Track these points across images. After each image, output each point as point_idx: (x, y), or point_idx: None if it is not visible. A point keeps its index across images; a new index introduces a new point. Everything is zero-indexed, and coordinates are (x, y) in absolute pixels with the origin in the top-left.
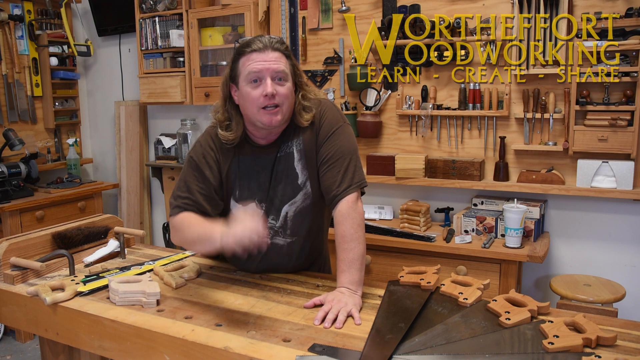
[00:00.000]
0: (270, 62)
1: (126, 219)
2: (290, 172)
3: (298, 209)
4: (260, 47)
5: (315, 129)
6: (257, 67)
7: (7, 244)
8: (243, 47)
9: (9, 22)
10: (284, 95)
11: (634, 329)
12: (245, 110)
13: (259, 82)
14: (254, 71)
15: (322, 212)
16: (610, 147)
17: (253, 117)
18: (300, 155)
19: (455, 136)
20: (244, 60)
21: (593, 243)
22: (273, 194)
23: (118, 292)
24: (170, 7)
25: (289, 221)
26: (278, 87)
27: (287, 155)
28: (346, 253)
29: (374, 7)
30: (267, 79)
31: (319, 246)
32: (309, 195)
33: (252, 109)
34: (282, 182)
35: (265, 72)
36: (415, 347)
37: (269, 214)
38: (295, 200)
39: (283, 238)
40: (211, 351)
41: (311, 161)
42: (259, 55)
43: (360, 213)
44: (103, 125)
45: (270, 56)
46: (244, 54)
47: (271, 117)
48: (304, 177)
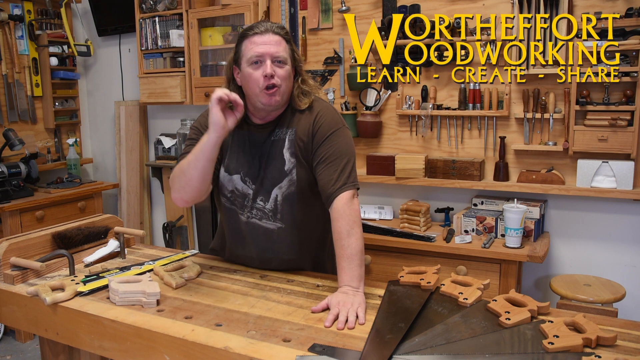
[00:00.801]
0: (271, 44)
1: (126, 219)
2: (279, 156)
3: (284, 194)
4: (262, 30)
5: (312, 127)
6: (258, 50)
7: (7, 244)
8: (246, 31)
9: (9, 22)
10: (282, 77)
11: (634, 329)
12: (248, 90)
13: (259, 64)
14: (256, 54)
15: (310, 206)
16: (610, 147)
17: (255, 97)
18: (290, 145)
19: (455, 136)
20: (247, 42)
21: (593, 243)
22: (263, 175)
23: (118, 292)
24: (170, 7)
25: (279, 205)
26: (277, 68)
27: (278, 140)
28: (343, 250)
29: (374, 7)
30: (267, 61)
31: (311, 241)
32: (293, 182)
33: (254, 89)
34: (271, 165)
35: (265, 55)
36: (415, 347)
37: (258, 195)
38: (282, 185)
39: (273, 222)
40: (211, 351)
41: (300, 153)
42: (260, 37)
43: (355, 210)
44: (103, 125)
45: (271, 39)
46: (247, 37)
47: (270, 98)
48: (291, 165)
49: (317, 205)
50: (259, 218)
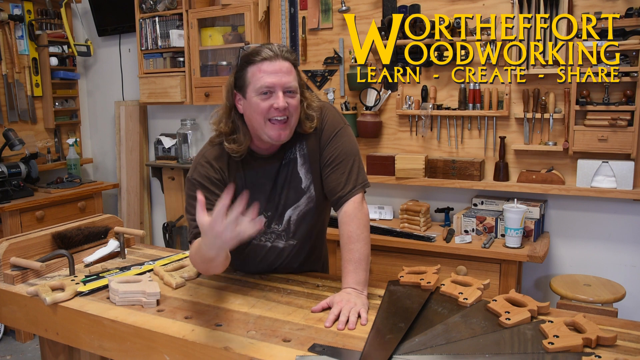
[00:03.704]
0: (282, 74)
1: (126, 219)
2: (294, 177)
3: (301, 213)
4: (271, 55)
5: (318, 132)
6: (269, 80)
7: (7, 244)
8: (252, 56)
9: (9, 22)
10: (294, 107)
11: (634, 329)
12: (251, 120)
13: (269, 95)
14: (266, 85)
15: (323, 214)
16: (610, 147)
17: (260, 128)
18: (303, 160)
19: (455, 136)
20: (254, 70)
21: (593, 243)
22: (278, 201)
23: (118, 292)
24: (170, 7)
25: (292, 225)
26: (288, 99)
27: (290, 161)
28: (352, 253)
29: (374, 7)
30: (279, 92)
31: (319, 247)
32: (312, 199)
33: (259, 120)
34: (285, 188)
35: (277, 86)
36: (415, 347)
37: (272, 221)
38: (299, 205)
39: (285, 241)
40: (211, 351)
41: (314, 164)
42: (270, 65)
43: (365, 214)
44: (103, 125)
45: (282, 67)
46: (254, 63)
47: (280, 132)
48: (308, 181)
49: (327, 210)
50: (272, 241)
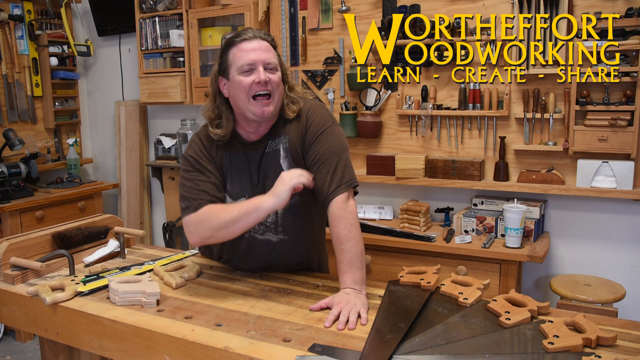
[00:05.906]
0: (261, 51)
1: (126, 219)
2: (277, 169)
3: (287, 206)
4: (250, 35)
5: (302, 128)
6: (250, 57)
7: (7, 244)
8: (233, 38)
9: (9, 22)
10: (276, 83)
11: (634, 329)
12: (236, 100)
13: (251, 72)
14: (247, 62)
15: (314, 212)
16: (610, 147)
17: (244, 107)
18: (286, 153)
19: (455, 136)
20: (235, 51)
21: (593, 243)
22: (262, 190)
23: (118, 292)
24: (170, 7)
25: (280, 218)
26: (270, 74)
27: (274, 151)
28: (344, 254)
29: (374, 7)
30: (260, 67)
31: (315, 245)
32: (296, 192)
33: (243, 98)
34: (269, 178)
35: (257, 62)
36: (415, 347)
37: None
38: None
39: (275, 235)
40: (211, 351)
41: (296, 159)
42: (249, 44)
43: (352, 212)
44: (103, 125)
45: (260, 45)
46: (234, 44)
47: (263, 109)
48: None
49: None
50: (262, 233)
